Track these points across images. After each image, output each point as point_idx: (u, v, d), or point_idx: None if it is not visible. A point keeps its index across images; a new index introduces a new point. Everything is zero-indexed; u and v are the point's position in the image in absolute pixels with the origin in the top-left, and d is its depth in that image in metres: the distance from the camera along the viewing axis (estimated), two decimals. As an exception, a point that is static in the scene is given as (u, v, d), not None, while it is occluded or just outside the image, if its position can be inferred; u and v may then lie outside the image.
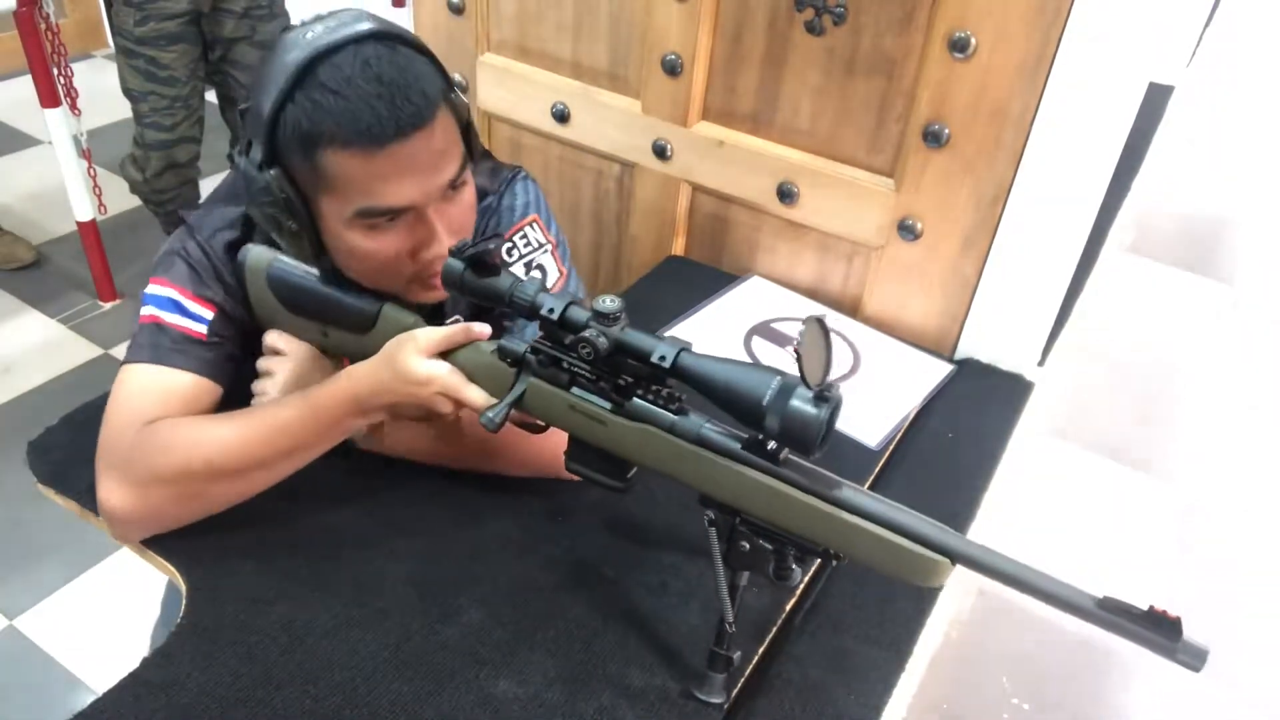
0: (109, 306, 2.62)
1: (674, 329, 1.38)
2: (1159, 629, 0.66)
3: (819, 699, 0.88)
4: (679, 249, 1.62)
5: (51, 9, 2.36)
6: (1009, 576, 0.70)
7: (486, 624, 0.89)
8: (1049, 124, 1.21)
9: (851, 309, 1.49)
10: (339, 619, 0.87)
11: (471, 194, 0.95)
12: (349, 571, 0.92)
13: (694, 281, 1.51)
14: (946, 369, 1.38)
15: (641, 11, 1.45)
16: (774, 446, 0.77)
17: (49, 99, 2.33)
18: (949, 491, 1.16)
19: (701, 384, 0.76)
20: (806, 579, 0.96)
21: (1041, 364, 1.40)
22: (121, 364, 0.94)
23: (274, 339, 0.99)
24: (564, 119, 1.61)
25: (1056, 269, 1.30)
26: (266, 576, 0.90)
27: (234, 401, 0.97)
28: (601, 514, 1.02)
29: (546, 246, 1.07)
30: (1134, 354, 2.59)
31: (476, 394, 0.87)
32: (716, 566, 0.81)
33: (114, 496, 0.88)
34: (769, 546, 0.79)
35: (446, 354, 0.88)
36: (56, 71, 2.35)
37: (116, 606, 1.82)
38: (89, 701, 0.78)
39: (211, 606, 0.87)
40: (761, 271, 1.55)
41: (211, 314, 0.96)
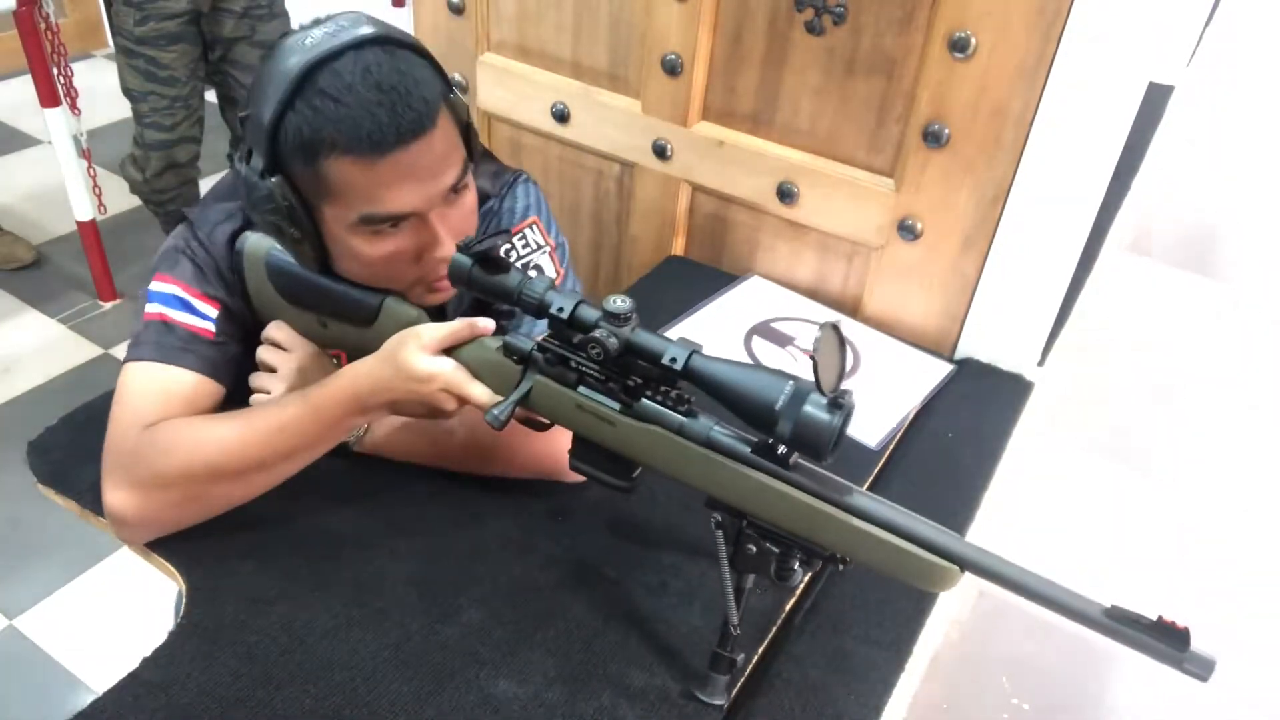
0: (109, 306, 2.62)
1: (674, 329, 1.38)
2: (1167, 639, 0.66)
3: (819, 699, 0.88)
4: (679, 249, 1.62)
5: (51, 9, 2.35)
6: (1017, 584, 0.70)
7: (486, 624, 0.89)
8: (1049, 124, 1.21)
9: (851, 309, 1.49)
10: (339, 619, 0.87)
11: (473, 197, 0.95)
12: (349, 571, 0.92)
13: (694, 281, 1.51)
14: (946, 369, 1.38)
15: (641, 11, 1.45)
16: (784, 451, 0.76)
17: (49, 99, 2.33)
18: (949, 491, 1.16)
19: (713, 387, 0.75)
20: (807, 579, 0.96)
21: (1041, 364, 1.40)
22: (124, 361, 0.94)
23: (275, 331, 0.98)
24: (564, 119, 1.61)
25: (1056, 269, 1.30)
26: (266, 576, 0.90)
27: (236, 395, 0.97)
28: (602, 514, 1.02)
29: (545, 248, 1.06)
30: (1134, 354, 2.59)
31: (481, 391, 0.86)
32: (723, 569, 0.80)
33: (119, 500, 0.88)
34: (775, 549, 0.78)
35: (450, 351, 0.88)
36: (56, 71, 2.35)
37: (116, 606, 1.82)
38: (89, 701, 0.78)
39: (211, 606, 0.87)
40: (761, 271, 1.55)
41: (217, 311, 0.95)
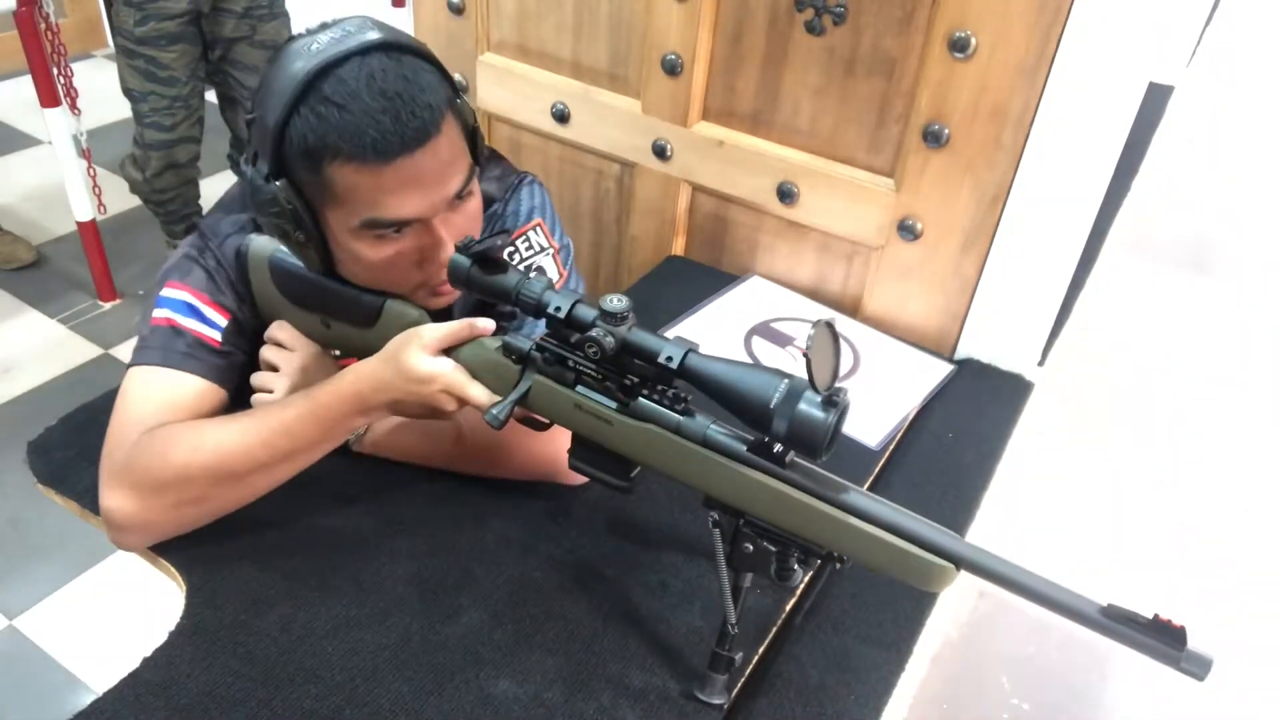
0: (109, 306, 2.62)
1: (674, 329, 1.38)
2: (1164, 638, 0.66)
3: (819, 699, 0.88)
4: (679, 249, 1.62)
5: (51, 9, 2.35)
6: (1014, 583, 0.70)
7: (486, 624, 0.89)
8: (1049, 124, 1.21)
9: (851, 309, 1.49)
10: (339, 619, 0.87)
11: (478, 202, 0.95)
12: (349, 571, 0.92)
13: (694, 281, 1.51)
14: (946, 369, 1.38)
15: (641, 11, 1.45)
16: (780, 449, 0.76)
17: (49, 99, 2.33)
18: (949, 491, 1.16)
19: (708, 386, 0.76)
20: (807, 579, 0.96)
21: (1041, 364, 1.40)
22: (128, 365, 0.93)
23: (278, 331, 0.98)
24: (564, 119, 1.61)
25: (1056, 269, 1.30)
26: (266, 576, 0.90)
27: (237, 403, 0.97)
28: (602, 514, 1.02)
29: (548, 250, 1.06)
30: (1134, 354, 2.59)
31: (480, 392, 0.86)
32: (720, 568, 0.80)
33: (114, 504, 0.88)
34: (773, 548, 0.78)
35: (450, 350, 0.88)
36: (56, 71, 2.35)
37: (116, 606, 1.82)
38: (89, 701, 0.78)
39: (211, 607, 0.87)
40: (761, 271, 1.55)
41: (226, 321, 0.96)
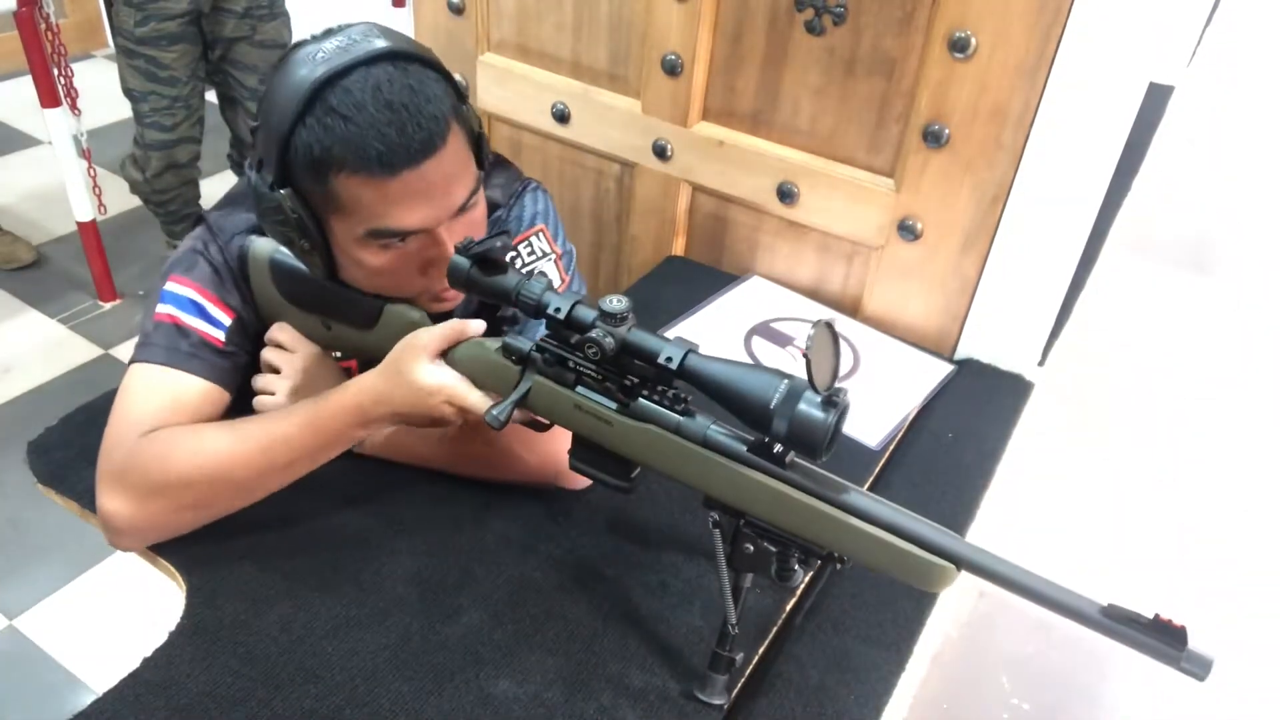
0: (109, 306, 2.62)
1: (674, 329, 1.38)
2: (1164, 638, 0.66)
3: (819, 699, 0.88)
4: (679, 249, 1.62)
5: (51, 9, 2.36)
6: (1014, 583, 0.70)
7: (486, 624, 0.89)
8: (1049, 124, 1.21)
9: (851, 309, 1.49)
10: (339, 619, 0.87)
11: (483, 210, 0.95)
12: (349, 571, 0.92)
13: (694, 281, 1.51)
14: (946, 369, 1.38)
15: (641, 11, 1.45)
16: (780, 450, 0.76)
17: (49, 99, 2.33)
18: (949, 491, 1.16)
19: (708, 386, 0.76)
20: (807, 579, 0.96)
21: (1041, 364, 1.40)
22: (131, 361, 0.93)
23: (279, 333, 0.98)
24: (564, 119, 1.61)
25: (1056, 269, 1.30)
26: (266, 576, 0.90)
27: (238, 403, 0.97)
28: (602, 514, 1.02)
29: (550, 255, 1.06)
30: (1134, 354, 2.59)
31: (479, 399, 0.86)
32: (720, 568, 0.80)
33: (113, 507, 0.87)
34: (773, 549, 0.78)
35: (448, 352, 0.88)
36: (56, 71, 2.35)
37: (116, 606, 1.82)
38: (89, 701, 0.78)
39: (211, 607, 0.87)
40: (761, 271, 1.55)
41: (230, 320, 0.95)
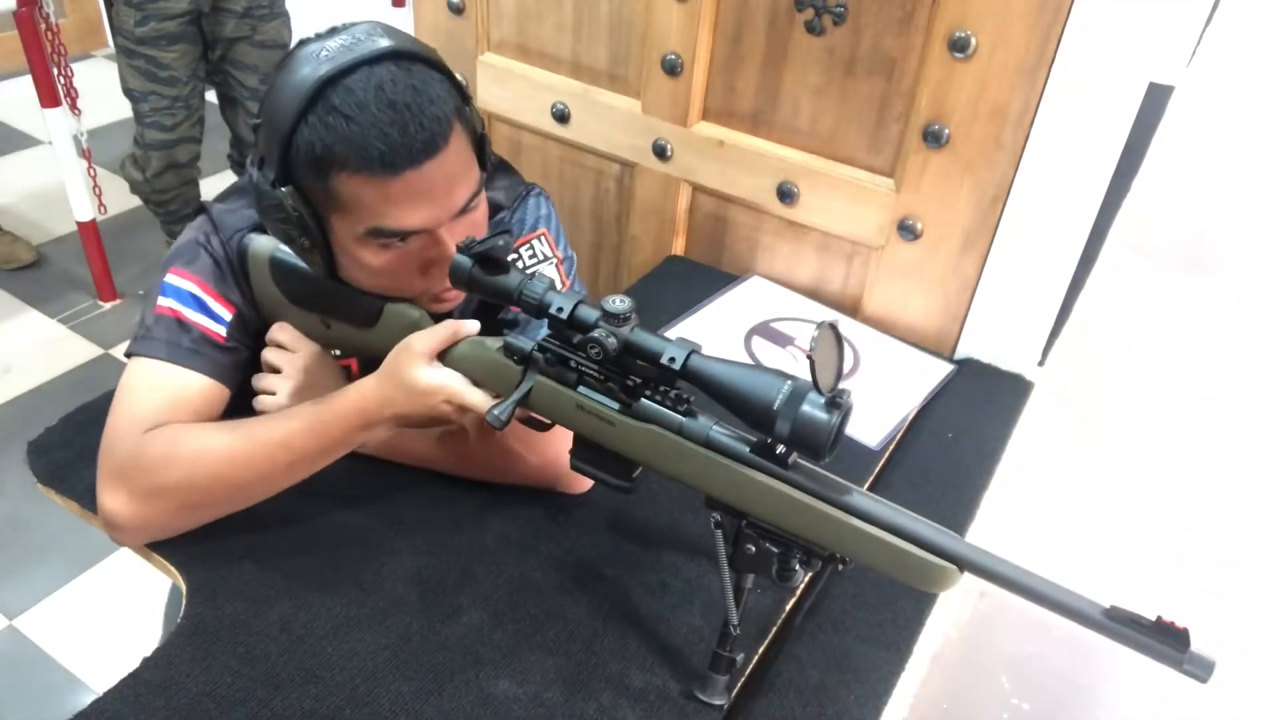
0: (109, 306, 2.62)
1: (674, 329, 1.38)
2: (1167, 639, 0.66)
3: (819, 699, 0.88)
4: (679, 249, 1.62)
5: (51, 9, 2.36)
6: (1016, 584, 0.70)
7: (486, 624, 0.89)
8: (1049, 124, 1.21)
9: (851, 309, 1.49)
10: (339, 619, 0.87)
11: (484, 212, 0.94)
12: (349, 571, 0.92)
13: (694, 281, 1.51)
14: (946, 369, 1.38)
15: (641, 11, 1.45)
16: (782, 451, 0.76)
17: (49, 99, 2.33)
18: (949, 491, 1.16)
19: (711, 387, 0.75)
20: (807, 579, 0.96)
21: (1041, 364, 1.40)
22: (129, 353, 0.92)
23: (279, 333, 0.98)
24: (564, 119, 1.61)
25: (1056, 269, 1.30)
26: (266, 576, 0.90)
27: (238, 399, 0.97)
28: (602, 514, 1.02)
29: (551, 260, 1.06)
30: (1134, 354, 2.59)
31: (479, 398, 0.86)
32: (722, 569, 0.80)
33: (114, 505, 0.87)
34: (775, 550, 0.78)
35: (448, 352, 0.88)
36: (56, 71, 2.35)
37: (116, 606, 1.82)
38: (89, 701, 0.78)
39: (211, 607, 0.87)
40: (761, 271, 1.55)
41: (231, 315, 0.95)
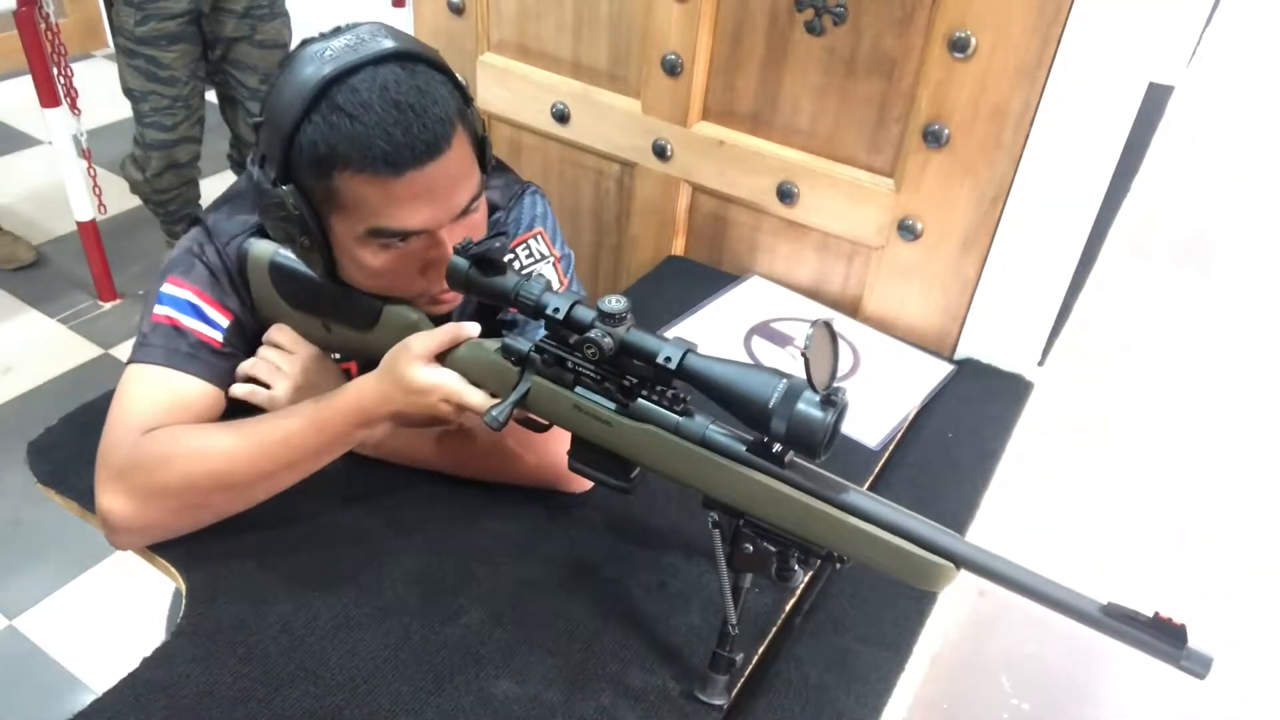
0: (109, 306, 2.62)
1: (674, 329, 1.38)
2: (1164, 636, 0.66)
3: (819, 699, 0.88)
4: (679, 249, 1.62)
5: (51, 9, 2.35)
6: (1014, 582, 0.70)
7: (486, 624, 0.89)
8: (1049, 124, 1.21)
9: (851, 309, 1.49)
10: (339, 619, 0.87)
11: (483, 214, 0.95)
12: (349, 571, 0.92)
13: (694, 281, 1.51)
14: (946, 369, 1.38)
15: (641, 11, 1.45)
16: (779, 449, 0.76)
17: (49, 99, 2.33)
18: (949, 491, 1.16)
19: (707, 386, 0.76)
20: (807, 579, 0.96)
21: (1041, 364, 1.40)
22: (128, 362, 0.93)
23: (278, 335, 0.98)
24: (564, 119, 1.61)
25: (1056, 269, 1.30)
26: (266, 576, 0.90)
27: (235, 404, 0.97)
28: (602, 514, 1.02)
29: (549, 258, 1.06)
30: (1134, 354, 2.59)
31: (477, 397, 0.86)
32: (720, 568, 0.80)
33: (113, 507, 0.87)
34: (773, 549, 0.78)
35: (447, 354, 0.88)
36: (56, 71, 2.35)
37: (116, 606, 1.82)
38: (89, 701, 0.78)
39: (211, 607, 0.87)
40: (761, 271, 1.55)
41: (228, 321, 0.95)
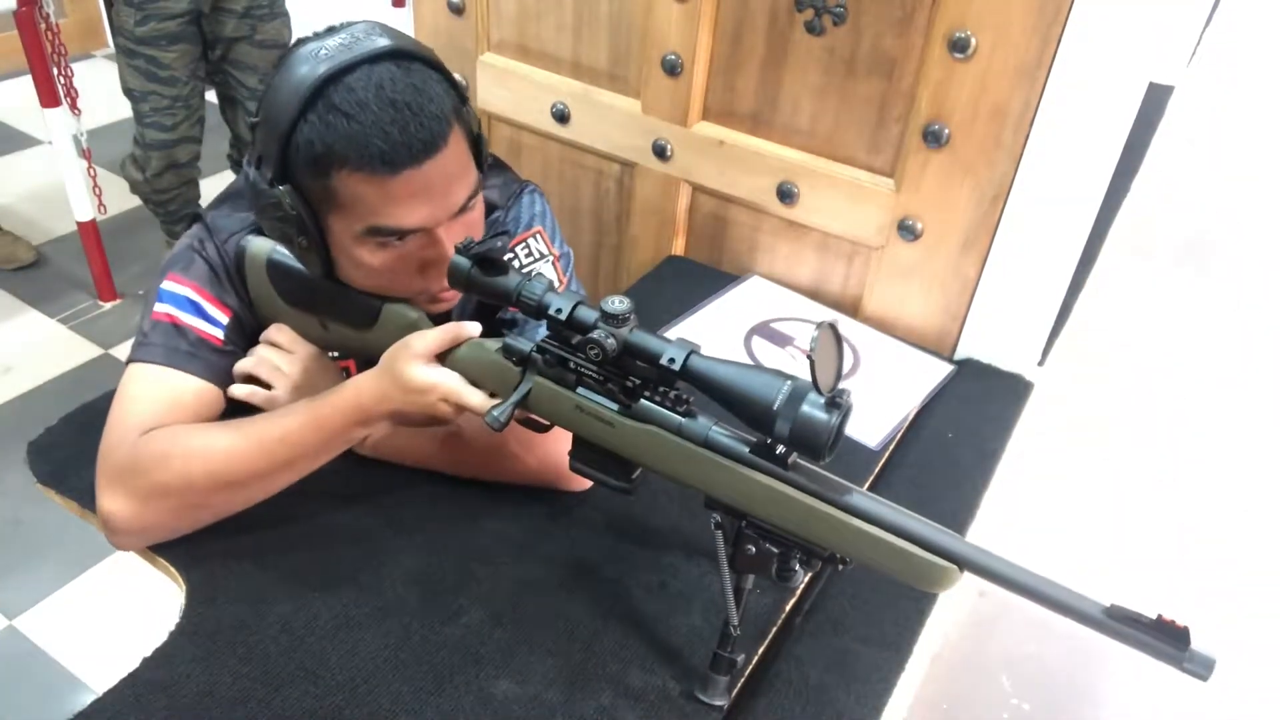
0: (109, 306, 2.62)
1: (674, 329, 1.38)
2: (1167, 638, 0.66)
3: (819, 699, 0.88)
4: (679, 249, 1.62)
5: (51, 9, 2.35)
6: (1016, 584, 0.70)
7: (486, 624, 0.89)
8: (1049, 124, 1.21)
9: (851, 309, 1.49)
10: (339, 619, 0.87)
11: (480, 212, 0.95)
12: (349, 571, 0.92)
13: (694, 281, 1.51)
14: (946, 369, 1.38)
15: (641, 11, 1.45)
16: (782, 451, 0.76)
17: (49, 99, 2.33)
18: (949, 491, 1.16)
19: (711, 387, 0.75)
20: (807, 580, 0.96)
21: (1041, 364, 1.40)
22: (128, 360, 0.93)
23: (277, 334, 0.98)
24: (564, 119, 1.61)
25: (1056, 269, 1.30)
26: (266, 576, 0.90)
27: (235, 404, 0.97)
28: (601, 514, 1.02)
29: (548, 257, 1.06)
30: (1134, 354, 2.59)
31: (477, 397, 0.86)
32: (722, 569, 0.80)
33: (114, 508, 0.87)
34: (775, 550, 0.78)
35: (447, 354, 0.88)
36: (56, 71, 2.34)
37: (116, 606, 1.82)
38: (89, 701, 0.78)
39: (211, 607, 0.87)
40: (761, 271, 1.55)
41: (228, 318, 0.95)
